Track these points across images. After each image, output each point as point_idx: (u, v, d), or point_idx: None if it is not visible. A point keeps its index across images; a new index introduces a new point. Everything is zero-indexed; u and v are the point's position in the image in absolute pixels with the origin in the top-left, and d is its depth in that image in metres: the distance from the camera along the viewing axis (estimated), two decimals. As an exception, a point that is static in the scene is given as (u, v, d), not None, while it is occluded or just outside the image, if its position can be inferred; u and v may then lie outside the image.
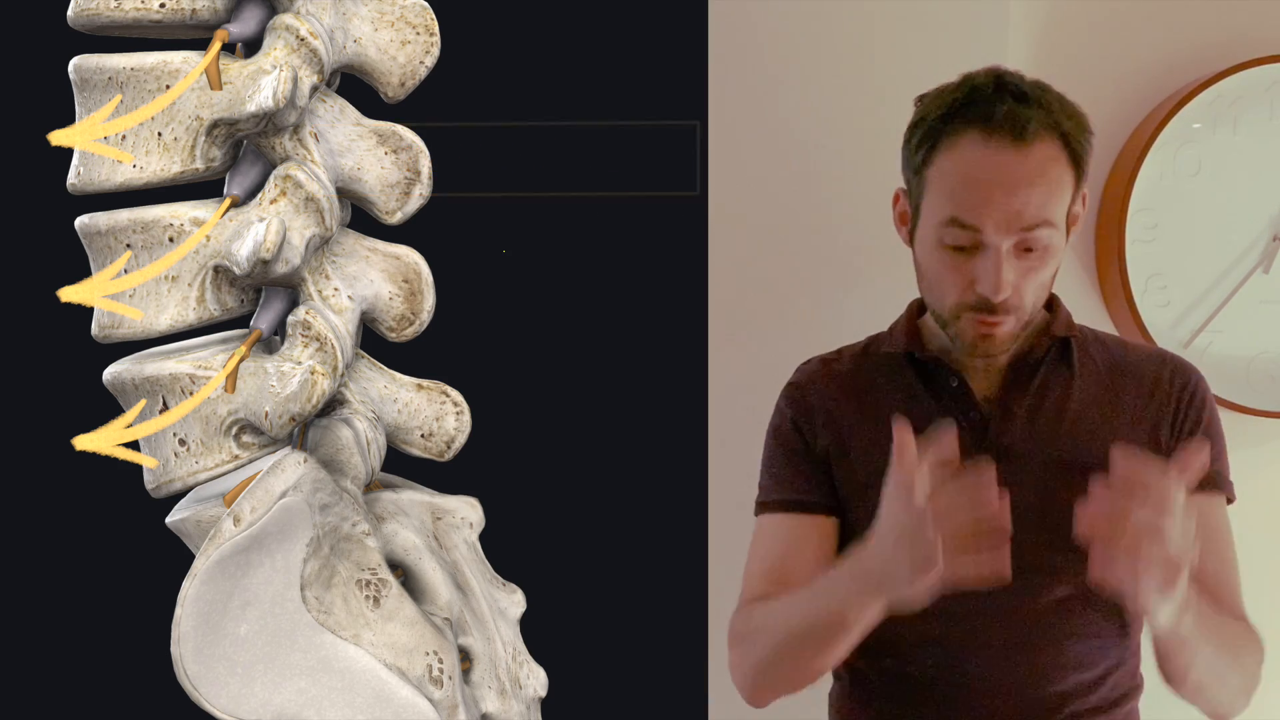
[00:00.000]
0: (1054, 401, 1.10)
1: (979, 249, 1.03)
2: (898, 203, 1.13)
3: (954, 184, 1.03)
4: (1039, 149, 1.00)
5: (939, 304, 1.09)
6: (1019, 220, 1.00)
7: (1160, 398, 1.10)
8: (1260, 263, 1.56)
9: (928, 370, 1.13)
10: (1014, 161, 1.00)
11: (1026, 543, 1.06)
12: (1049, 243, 1.03)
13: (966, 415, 1.10)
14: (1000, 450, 1.08)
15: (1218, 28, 1.57)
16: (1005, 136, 1.00)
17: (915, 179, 1.09)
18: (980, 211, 1.01)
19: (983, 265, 1.02)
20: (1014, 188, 1.00)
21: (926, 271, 1.10)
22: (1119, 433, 1.08)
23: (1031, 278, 1.04)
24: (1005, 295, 1.02)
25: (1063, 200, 1.03)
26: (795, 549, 1.14)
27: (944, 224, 1.04)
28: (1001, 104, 1.01)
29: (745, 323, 1.60)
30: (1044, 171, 1.01)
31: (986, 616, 1.07)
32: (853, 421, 1.14)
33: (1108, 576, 0.90)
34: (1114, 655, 1.10)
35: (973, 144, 1.01)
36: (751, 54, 1.57)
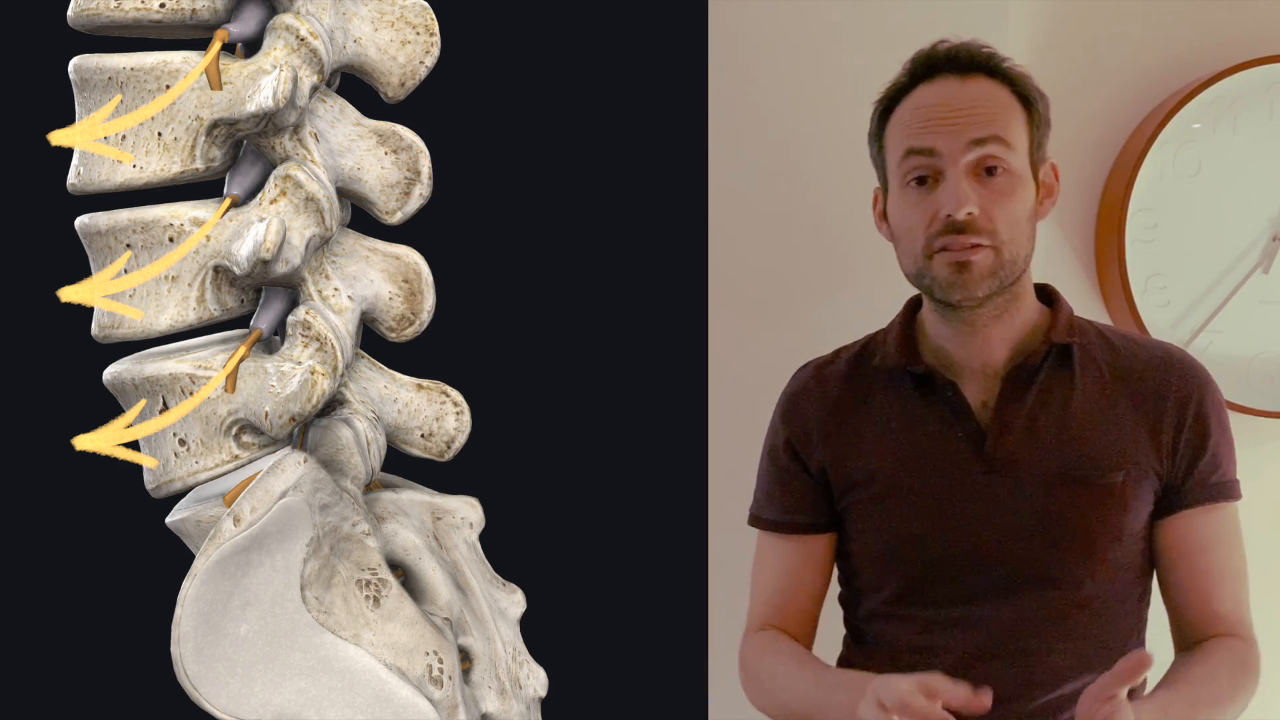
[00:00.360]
0: (1054, 410, 1.07)
1: (939, 177, 1.05)
2: (876, 202, 1.15)
3: (906, 122, 1.08)
4: (980, 80, 1.06)
5: (913, 252, 1.07)
6: (966, 131, 1.04)
7: (1163, 405, 1.07)
8: (1260, 263, 1.56)
9: (924, 380, 1.11)
10: (957, 88, 1.06)
11: (1026, 553, 1.06)
12: (1009, 165, 1.04)
13: (963, 427, 1.09)
14: (997, 463, 1.07)
15: (1218, 28, 1.57)
16: (948, 75, 1.07)
17: (878, 149, 1.12)
18: (929, 131, 1.05)
19: (945, 189, 1.04)
20: (958, 105, 1.05)
21: (898, 229, 1.10)
22: (1119, 439, 1.06)
23: (1000, 204, 1.04)
24: (969, 209, 1.02)
25: (1013, 125, 1.05)
26: (794, 574, 1.18)
27: (902, 160, 1.07)
28: (942, 54, 1.08)
29: (745, 323, 1.60)
30: (987, 93, 1.06)
31: (988, 627, 1.07)
32: (849, 433, 1.14)
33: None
34: (1125, 616, 1.09)
35: (919, 90, 1.08)
36: (751, 54, 1.57)
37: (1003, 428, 1.07)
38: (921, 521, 1.08)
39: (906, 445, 1.10)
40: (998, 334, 1.09)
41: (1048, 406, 1.08)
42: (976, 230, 1.03)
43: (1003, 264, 1.04)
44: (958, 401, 1.09)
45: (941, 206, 1.03)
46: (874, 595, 1.14)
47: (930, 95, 1.06)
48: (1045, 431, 1.07)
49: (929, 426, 1.10)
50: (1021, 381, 1.08)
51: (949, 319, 1.09)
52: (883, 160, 1.12)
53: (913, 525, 1.09)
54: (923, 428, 1.10)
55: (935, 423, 1.10)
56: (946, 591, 1.08)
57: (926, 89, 1.07)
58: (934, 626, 1.09)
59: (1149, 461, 1.06)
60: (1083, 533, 1.05)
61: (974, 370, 1.10)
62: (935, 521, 1.08)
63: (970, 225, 1.03)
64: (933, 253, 1.05)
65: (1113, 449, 1.06)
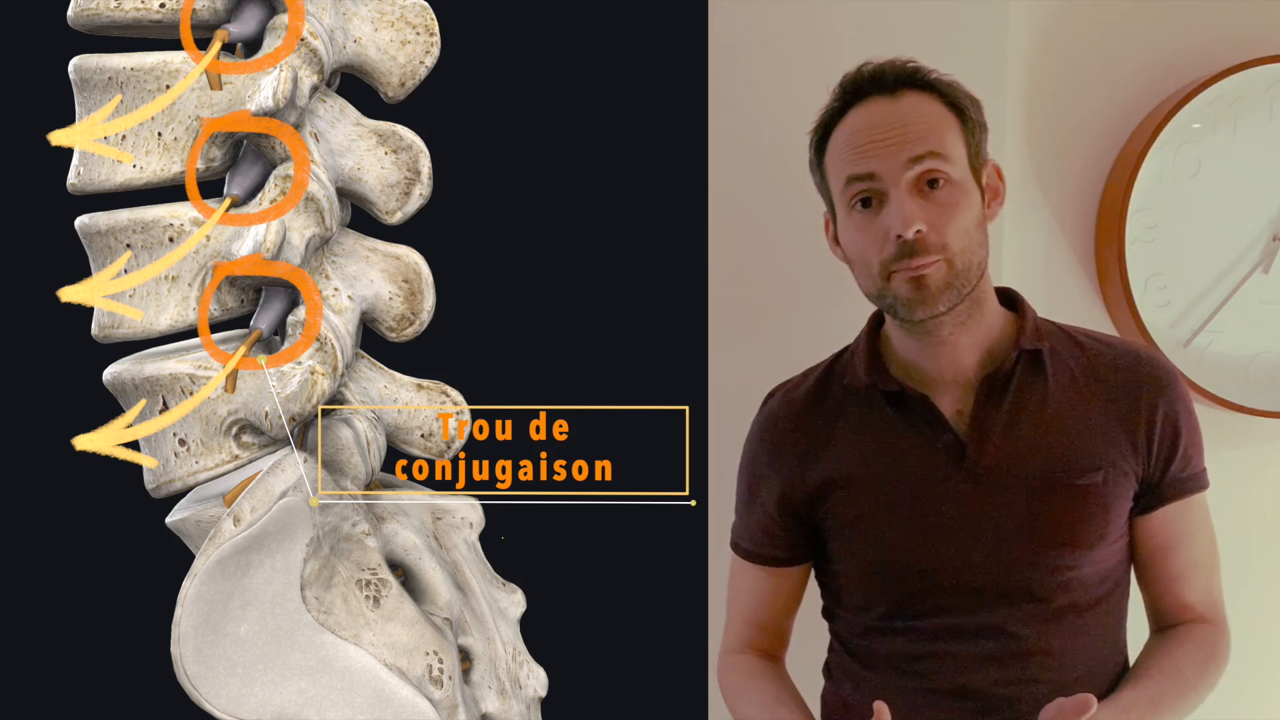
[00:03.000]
0: (1030, 415, 1.08)
1: (883, 198, 1.05)
2: (828, 227, 1.15)
3: (842, 149, 1.08)
4: (909, 96, 1.06)
5: (869, 274, 1.07)
6: (903, 150, 1.04)
7: (1135, 403, 1.08)
8: (1260, 263, 1.56)
9: (895, 397, 1.11)
10: (887, 108, 1.06)
11: (1011, 557, 1.06)
12: (950, 176, 1.04)
13: (940, 439, 1.09)
14: (980, 471, 1.07)
15: (1218, 28, 1.57)
16: (875, 96, 1.07)
17: (820, 177, 1.12)
18: (866, 155, 1.05)
19: (890, 211, 1.04)
20: (890, 125, 1.05)
21: (851, 253, 1.10)
22: (1095, 440, 1.07)
23: (948, 218, 1.04)
24: (916, 227, 1.02)
25: (947, 136, 1.05)
26: (767, 602, 1.21)
27: (845, 187, 1.07)
28: (867, 75, 1.08)
29: (745, 323, 1.60)
30: (917, 109, 1.06)
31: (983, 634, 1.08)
32: (825, 455, 1.14)
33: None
34: (1110, 615, 1.11)
35: (852, 114, 1.08)
36: (751, 54, 1.57)
37: (982, 436, 1.07)
38: (908, 536, 1.08)
39: (885, 462, 1.10)
40: (964, 342, 1.09)
41: (1023, 412, 1.08)
42: (927, 248, 1.03)
43: (957, 274, 1.04)
44: (932, 414, 1.09)
45: (890, 228, 1.03)
46: (867, 613, 1.14)
47: (862, 118, 1.07)
48: (1023, 437, 1.07)
49: (906, 441, 1.10)
50: (996, 389, 1.08)
51: (913, 333, 1.09)
52: (826, 187, 1.12)
53: (900, 540, 1.09)
54: (900, 443, 1.10)
55: (912, 437, 1.10)
56: (940, 602, 1.08)
57: (858, 112, 1.07)
58: (930, 636, 1.09)
59: (1126, 460, 1.07)
60: (1067, 534, 1.06)
61: (945, 381, 1.10)
62: (921, 534, 1.08)
63: (920, 243, 1.03)
64: (890, 274, 1.05)
65: (1091, 449, 1.07)
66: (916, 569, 1.08)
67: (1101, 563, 1.08)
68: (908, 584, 1.09)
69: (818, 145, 1.11)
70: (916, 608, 1.09)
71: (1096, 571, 1.08)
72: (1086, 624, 1.08)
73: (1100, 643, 1.10)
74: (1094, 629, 1.09)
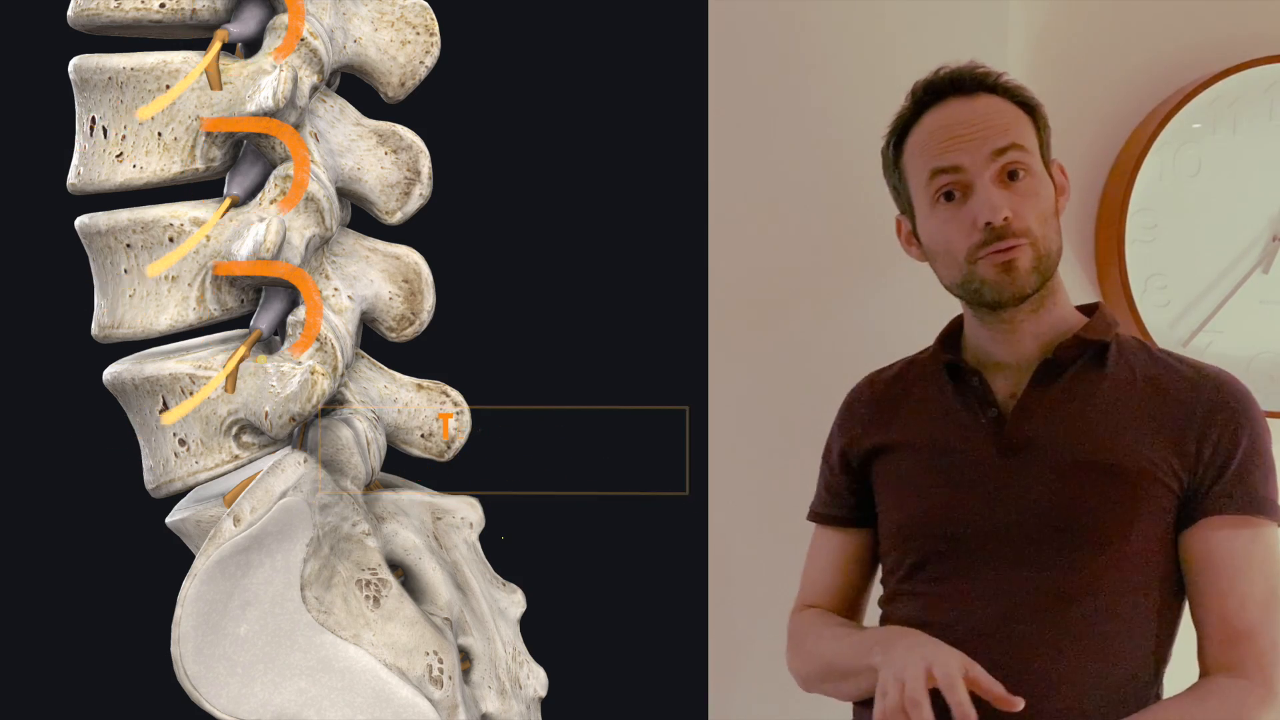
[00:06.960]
0: (1079, 401, 1.11)
1: (968, 191, 1.11)
2: (900, 229, 1.22)
3: (925, 146, 1.15)
4: (985, 98, 1.14)
5: (955, 263, 1.13)
6: (987, 144, 1.11)
7: (1189, 415, 1.08)
8: (1260, 263, 1.56)
9: (955, 370, 1.18)
10: (966, 107, 1.14)
11: (1040, 539, 1.06)
12: (1030, 167, 1.12)
13: (986, 413, 1.14)
14: (1014, 444, 1.11)
15: (1218, 28, 1.57)
16: (953, 97, 1.15)
17: (898, 178, 1.19)
18: (952, 150, 1.12)
19: (976, 201, 1.11)
20: (973, 122, 1.12)
21: (934, 246, 1.16)
22: (1137, 437, 1.07)
23: (1029, 204, 1.11)
24: (1004, 214, 1.09)
25: (1025, 131, 1.13)
26: (830, 568, 1.28)
27: (929, 182, 1.14)
28: (945, 78, 1.16)
29: (745, 323, 1.60)
30: (995, 107, 1.14)
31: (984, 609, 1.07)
32: (888, 418, 1.21)
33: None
34: (1134, 645, 1.07)
35: (930, 115, 1.15)
36: (751, 54, 1.57)
37: (1022, 414, 1.12)
38: (941, 498, 1.13)
39: (935, 430, 1.17)
40: (1030, 330, 1.15)
41: (1072, 399, 1.12)
42: (1013, 232, 1.10)
43: (1040, 258, 1.11)
44: (984, 389, 1.15)
45: (978, 216, 1.10)
46: (892, 576, 1.19)
47: (943, 117, 1.14)
48: (1065, 419, 1.11)
49: (957, 414, 1.16)
50: (1050, 374, 1.13)
51: (987, 322, 1.16)
52: (905, 187, 1.19)
53: (933, 501, 1.14)
54: (952, 415, 1.16)
55: (963, 410, 1.16)
56: (953, 566, 1.11)
57: (936, 113, 1.15)
58: (935, 602, 1.11)
59: (1167, 462, 1.07)
60: (1088, 519, 1.06)
61: (1008, 365, 1.16)
62: (953, 499, 1.12)
63: (1007, 228, 1.09)
64: (976, 259, 1.11)
65: (1130, 443, 1.08)
66: (943, 531, 1.12)
67: (1123, 570, 1.06)
68: (927, 544, 1.14)
69: (895, 147, 1.19)
70: (929, 570, 1.13)
71: (1116, 577, 1.06)
72: (1097, 634, 1.05)
73: (1112, 666, 1.05)
74: (1106, 647, 1.05)
